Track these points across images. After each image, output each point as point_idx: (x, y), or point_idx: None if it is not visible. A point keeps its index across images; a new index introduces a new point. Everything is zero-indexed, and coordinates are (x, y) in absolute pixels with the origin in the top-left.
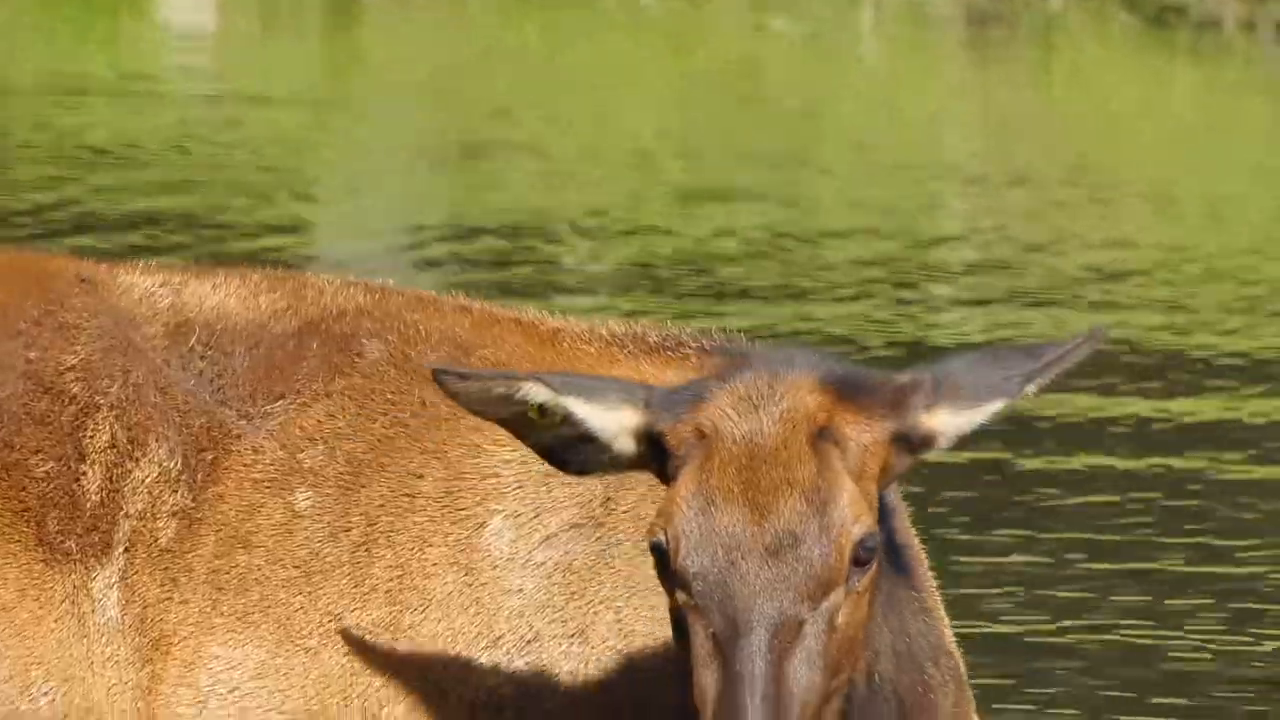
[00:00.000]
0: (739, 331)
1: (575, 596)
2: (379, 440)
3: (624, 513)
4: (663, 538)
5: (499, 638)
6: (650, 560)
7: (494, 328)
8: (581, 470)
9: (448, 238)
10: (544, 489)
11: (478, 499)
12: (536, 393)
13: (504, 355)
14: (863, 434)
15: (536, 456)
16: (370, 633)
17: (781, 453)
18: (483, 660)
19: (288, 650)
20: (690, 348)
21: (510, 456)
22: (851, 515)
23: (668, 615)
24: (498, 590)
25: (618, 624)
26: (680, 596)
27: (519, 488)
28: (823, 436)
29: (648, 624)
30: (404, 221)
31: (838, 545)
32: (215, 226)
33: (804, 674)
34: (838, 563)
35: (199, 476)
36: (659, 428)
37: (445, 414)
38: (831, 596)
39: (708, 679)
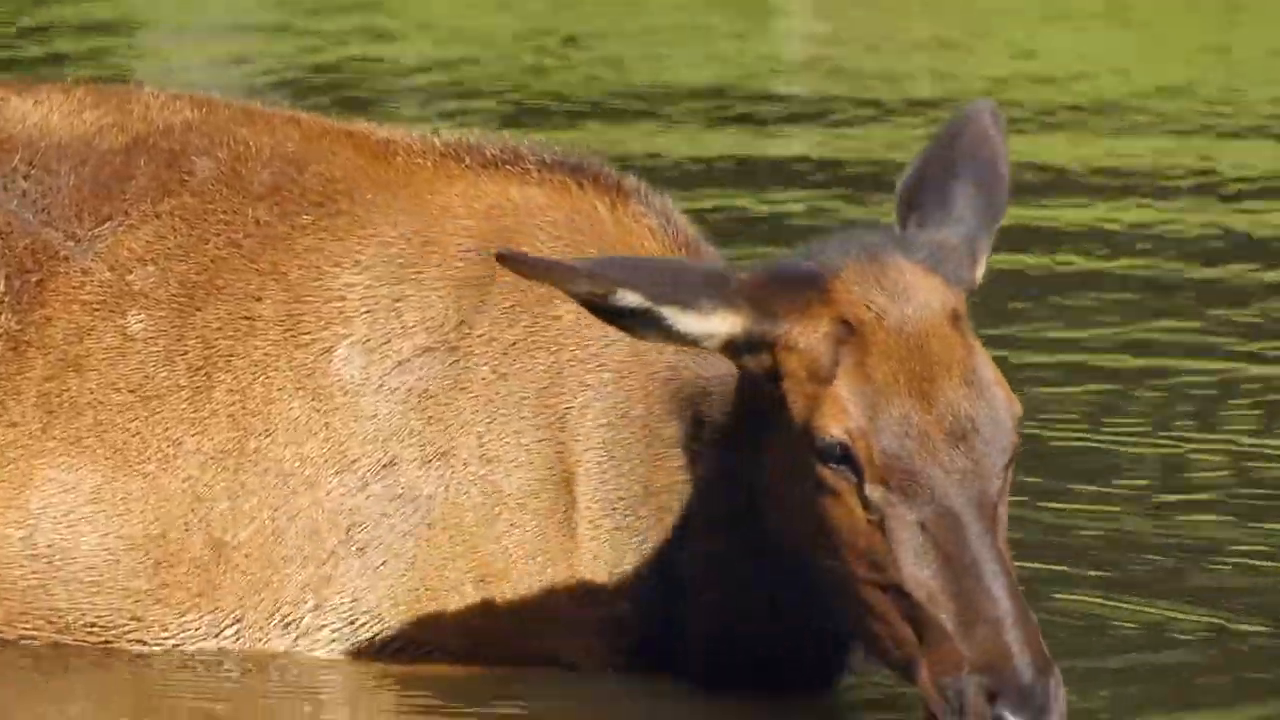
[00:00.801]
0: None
1: (433, 421)
2: (212, 261)
3: (479, 336)
4: (844, 436)
5: (353, 462)
6: (512, 383)
7: (324, 140)
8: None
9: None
10: (393, 314)
11: (322, 323)
12: (629, 299)
13: (338, 170)
14: (964, 306)
15: (387, 279)
16: (213, 458)
17: (934, 340)
18: (335, 485)
19: (125, 475)
20: (530, 162)
21: (355, 279)
22: (1007, 393)
23: (529, 439)
24: (350, 416)
25: (480, 448)
26: (874, 492)
27: (367, 312)
28: (956, 318)
29: (511, 449)
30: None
31: (1009, 426)
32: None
33: (1007, 549)
34: (1010, 442)
35: (24, 299)
36: (776, 333)
37: (281, 233)
38: (1007, 474)
39: (928, 569)
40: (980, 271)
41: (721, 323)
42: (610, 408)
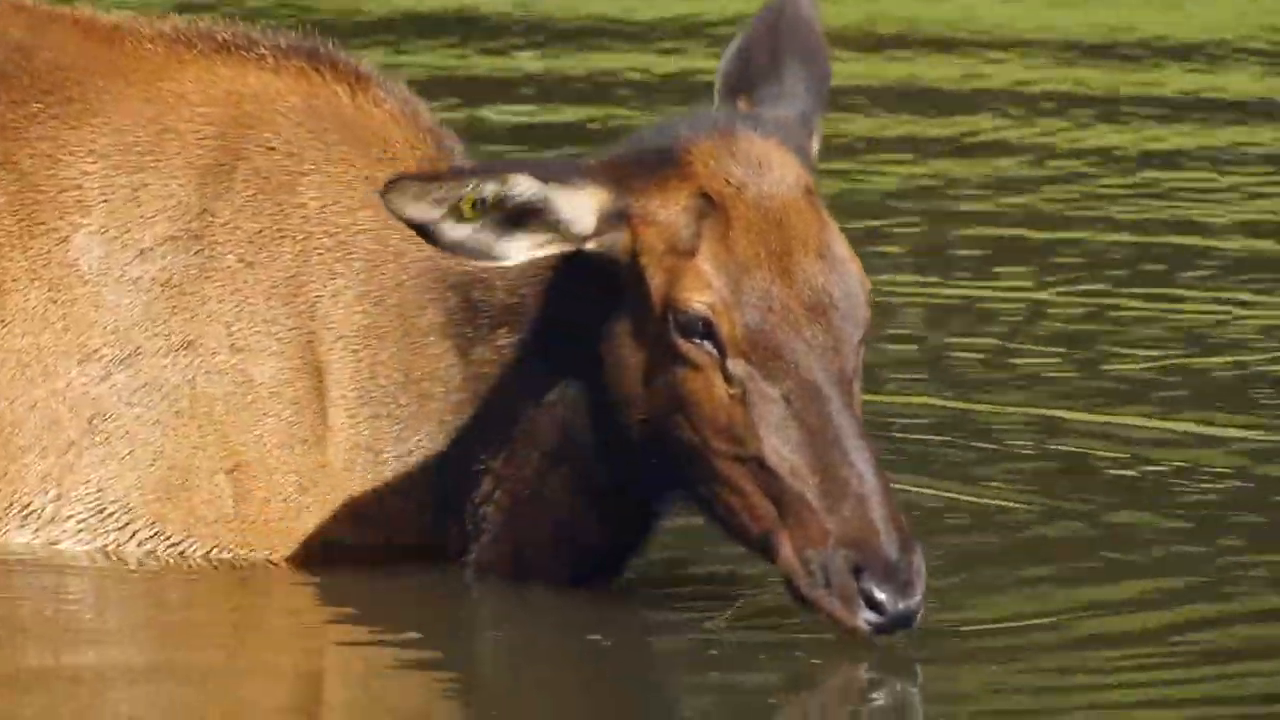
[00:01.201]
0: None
1: (179, 310)
2: None
3: (223, 225)
4: (706, 311)
5: (94, 352)
6: (259, 272)
7: (52, 27)
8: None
9: None
10: (132, 203)
11: (58, 213)
12: (521, 186)
13: (67, 58)
14: (814, 181)
15: (125, 168)
16: None
17: (791, 214)
18: (76, 375)
19: None
20: (264, 47)
21: (91, 168)
22: (860, 269)
23: (280, 328)
24: (90, 306)
25: (229, 338)
26: (737, 366)
27: (105, 201)
28: (809, 192)
29: (262, 338)
30: None
31: (863, 301)
32: None
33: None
34: (865, 317)
35: None
36: (635, 207)
37: (10, 121)
38: (861, 350)
39: (791, 443)
40: (817, 147)
41: (591, 199)
42: (362, 295)
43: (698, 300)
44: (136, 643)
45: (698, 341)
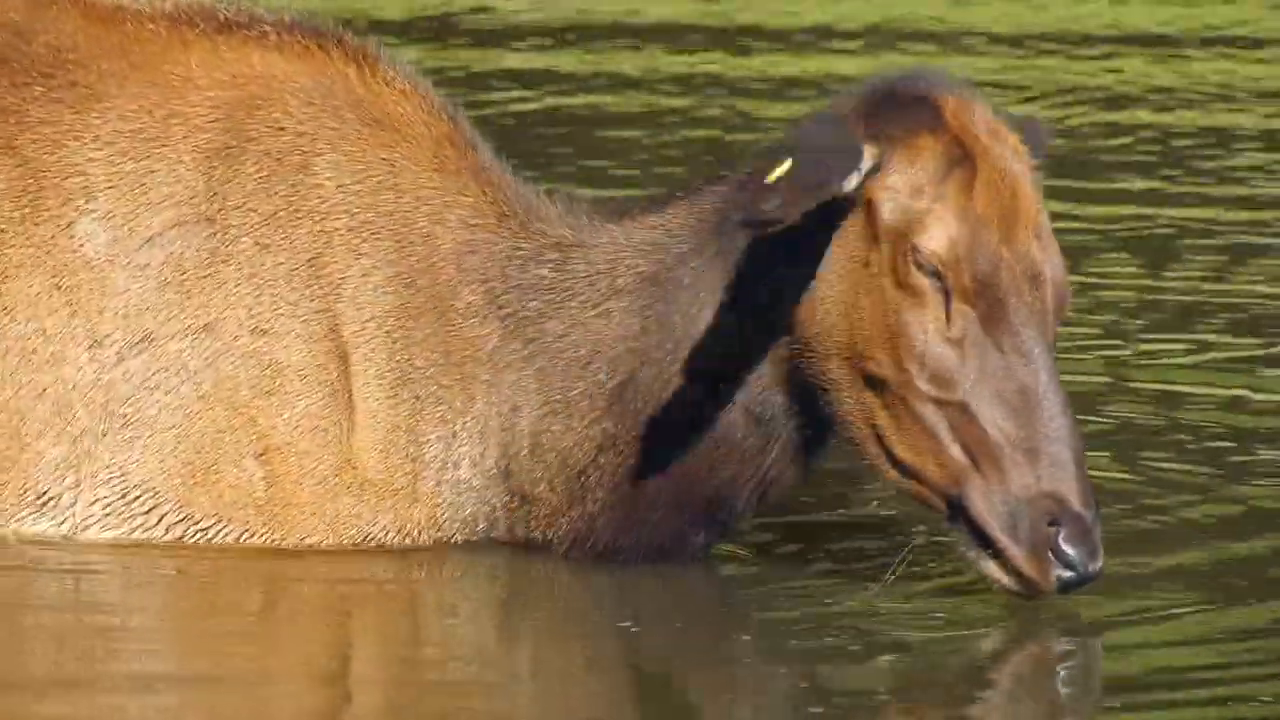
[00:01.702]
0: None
1: (192, 295)
2: None
3: (236, 208)
4: (947, 253)
5: (105, 337)
6: (278, 254)
7: (51, 9)
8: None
9: None
10: (139, 189)
11: (62, 199)
12: (852, 182)
13: (65, 39)
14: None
15: (131, 154)
16: None
17: (1021, 186)
18: (85, 361)
19: None
20: (268, 25)
21: (96, 154)
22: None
23: (304, 310)
24: (97, 292)
25: (250, 320)
26: (961, 311)
27: (111, 188)
28: (1035, 171)
29: (286, 321)
30: None
31: (1067, 285)
32: None
33: None
34: (1067, 299)
35: None
36: (890, 148)
37: (10, 105)
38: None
39: (1002, 393)
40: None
41: (866, 163)
42: (393, 276)
43: (938, 242)
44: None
45: (931, 280)
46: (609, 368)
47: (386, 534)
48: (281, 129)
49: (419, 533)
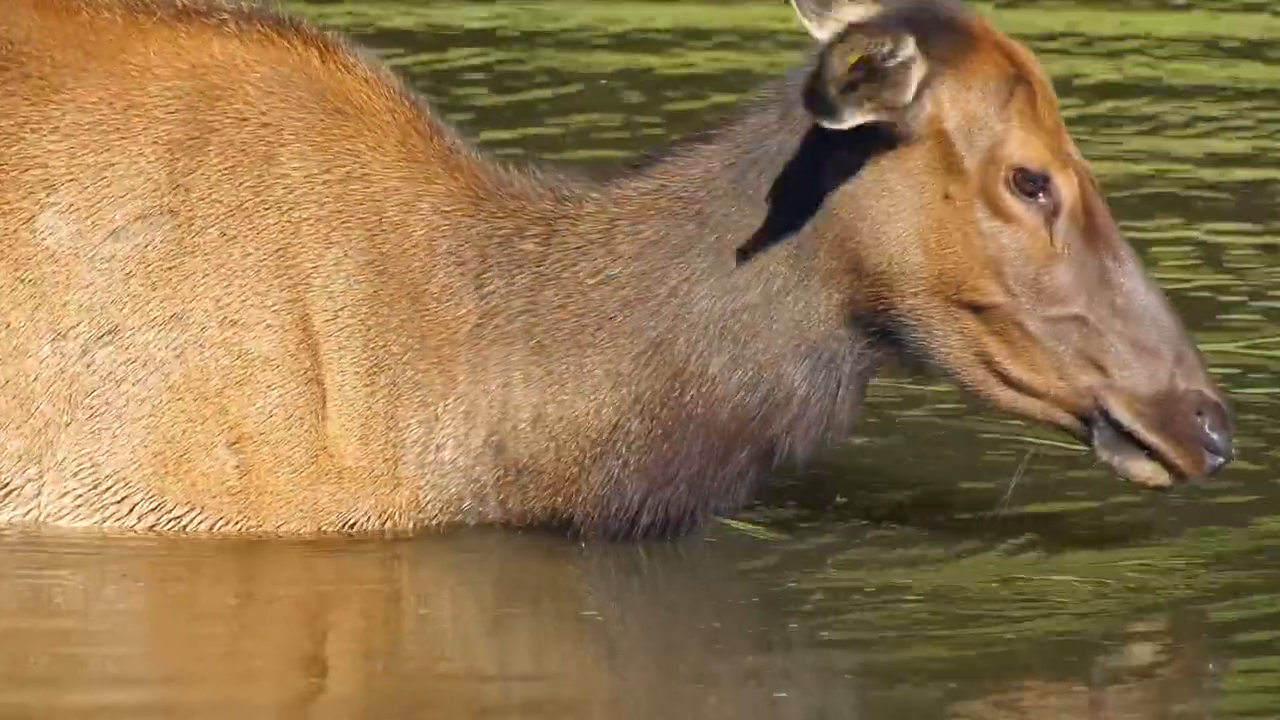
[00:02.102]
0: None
1: (159, 286)
2: None
3: (200, 199)
4: (1045, 167)
5: (69, 330)
6: (245, 245)
7: (4, 1)
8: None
9: None
10: (101, 182)
11: (22, 191)
12: (907, 49)
13: (18, 31)
14: None
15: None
16: None
17: (1054, 102)
18: (49, 353)
19: None
20: (227, 12)
21: (55, 147)
22: None
23: (274, 300)
24: (61, 285)
25: (219, 311)
26: (1064, 226)
27: (72, 180)
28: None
29: (255, 311)
30: None
31: None
32: None
33: None
34: None
35: None
36: (949, 71)
37: None
38: None
39: (1117, 295)
40: None
41: (918, 70)
42: (365, 264)
43: (1035, 160)
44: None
45: (1029, 199)
46: (629, 334)
47: (368, 519)
48: (245, 119)
49: (401, 516)
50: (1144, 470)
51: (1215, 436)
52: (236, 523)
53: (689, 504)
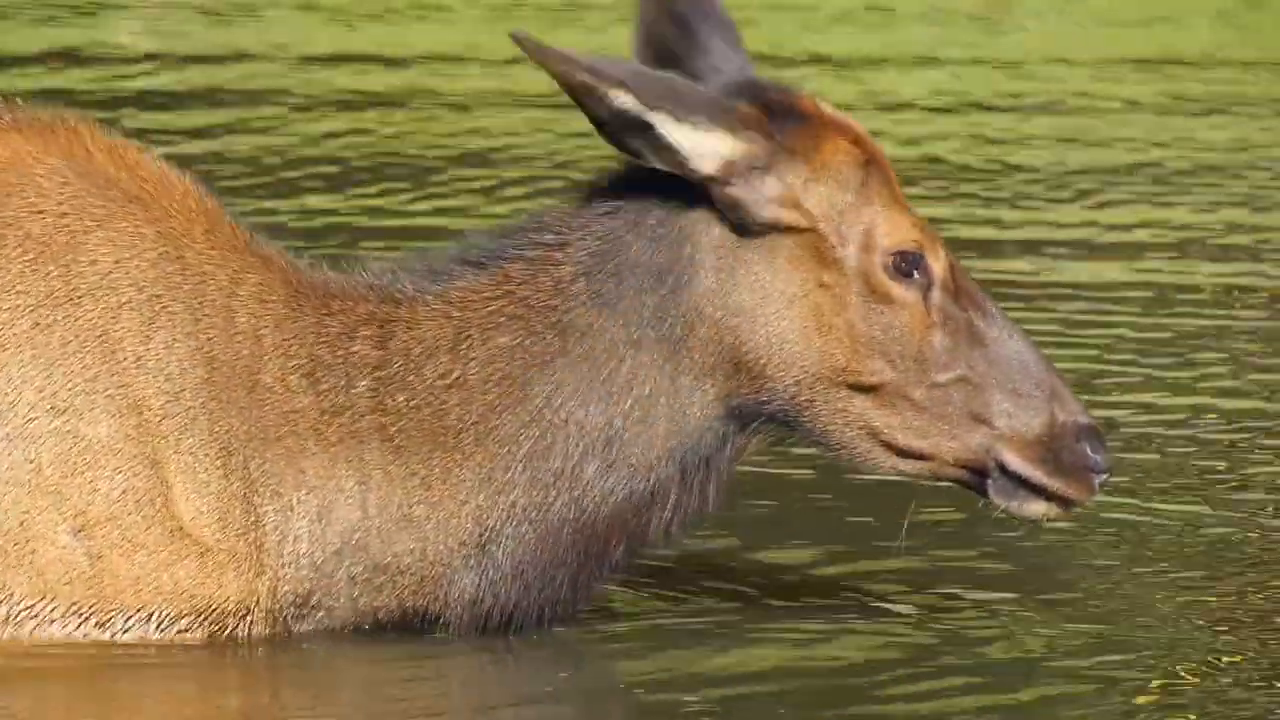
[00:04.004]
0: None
1: None
2: None
3: (5, 292)
4: (917, 246)
5: None
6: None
7: None
8: (633, 155)
9: None
10: None
11: None
12: (621, 100)
13: None
14: None
15: None
16: None
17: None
18: None
19: None
20: (2, 110)
21: None
22: None
23: (104, 385)
24: None
25: (45, 400)
26: (937, 296)
27: None
28: None
29: (84, 397)
30: None
31: None
32: None
33: None
34: None
35: None
36: (798, 156)
37: None
38: None
39: (989, 350)
40: None
41: (720, 144)
42: (194, 350)
43: (911, 240)
44: None
45: (905, 279)
46: (500, 441)
47: (231, 604)
48: (41, 211)
49: (260, 605)
50: (1039, 509)
51: (1098, 458)
52: (93, 606)
53: (569, 598)
